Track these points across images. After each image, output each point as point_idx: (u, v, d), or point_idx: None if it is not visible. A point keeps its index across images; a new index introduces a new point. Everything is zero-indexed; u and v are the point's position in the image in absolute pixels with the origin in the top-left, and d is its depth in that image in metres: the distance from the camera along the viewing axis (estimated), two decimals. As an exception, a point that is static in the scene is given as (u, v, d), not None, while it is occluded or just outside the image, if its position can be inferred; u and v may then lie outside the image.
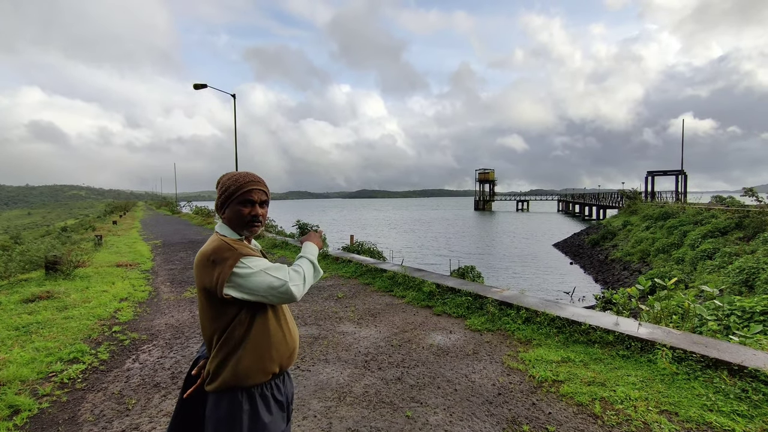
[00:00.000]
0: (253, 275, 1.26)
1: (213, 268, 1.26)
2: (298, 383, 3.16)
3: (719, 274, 11.49)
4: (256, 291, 1.27)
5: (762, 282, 9.59)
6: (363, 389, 3.05)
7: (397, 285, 6.17)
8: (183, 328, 4.56)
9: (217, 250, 1.29)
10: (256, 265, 1.28)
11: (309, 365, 3.51)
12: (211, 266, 1.27)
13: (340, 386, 3.10)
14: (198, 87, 18.41)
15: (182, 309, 5.36)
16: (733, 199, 21.52)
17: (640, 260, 16.24)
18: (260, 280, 1.27)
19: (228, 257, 1.27)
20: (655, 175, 33.24)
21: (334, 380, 3.21)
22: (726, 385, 2.74)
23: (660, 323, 3.96)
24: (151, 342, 4.11)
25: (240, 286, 1.26)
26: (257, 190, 1.41)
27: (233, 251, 1.29)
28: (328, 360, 3.61)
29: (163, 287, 6.69)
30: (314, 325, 4.58)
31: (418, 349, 3.81)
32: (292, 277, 1.32)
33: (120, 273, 7.71)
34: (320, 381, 3.20)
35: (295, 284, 1.32)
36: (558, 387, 2.95)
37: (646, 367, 3.15)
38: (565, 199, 71.39)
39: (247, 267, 1.27)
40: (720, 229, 14.19)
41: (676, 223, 16.80)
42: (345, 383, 3.15)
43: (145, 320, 4.86)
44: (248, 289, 1.27)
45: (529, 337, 3.93)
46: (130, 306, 5.47)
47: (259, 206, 1.41)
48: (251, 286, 1.26)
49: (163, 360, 3.65)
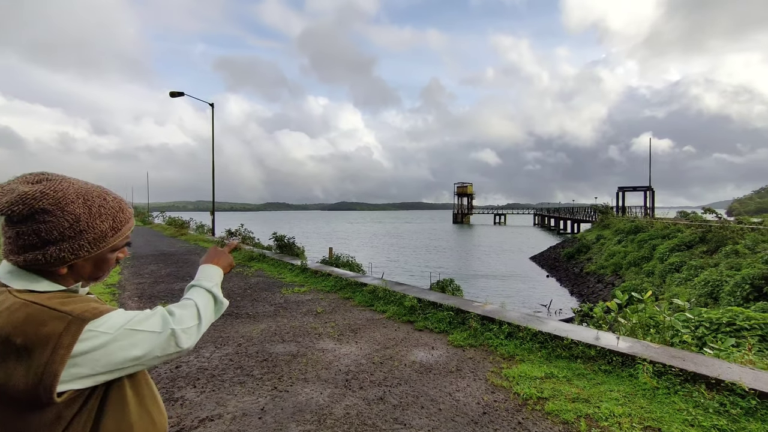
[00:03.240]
0: (113, 342, 0.78)
1: (25, 359, 0.72)
2: (275, 405, 3.00)
3: (686, 287, 11.94)
4: (121, 364, 0.79)
5: (726, 294, 10.01)
6: (344, 410, 2.92)
7: (378, 299, 6.06)
8: (151, 346, 4.29)
9: (29, 325, 0.74)
10: (113, 324, 0.79)
11: (287, 385, 3.34)
12: (18, 356, 0.72)
13: (320, 408, 2.96)
14: (175, 95, 18.03)
15: (151, 326, 5.07)
16: (696, 215, 22.63)
17: (613, 273, 16.72)
18: (127, 344, 0.79)
19: (56, 332, 0.74)
20: (625, 191, 34.63)
21: (313, 401, 3.06)
22: (705, 399, 2.77)
23: (637, 336, 4.02)
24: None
25: (91, 368, 0.76)
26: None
27: (64, 318, 0.76)
28: (307, 379, 3.46)
29: (130, 302, 6.34)
30: (292, 342, 4.41)
31: (401, 367, 3.71)
32: (179, 318, 0.88)
33: (84, 287, 7.26)
34: (299, 402, 3.04)
35: (185, 328, 0.87)
36: (543, 404, 2.91)
37: (628, 381, 3.16)
38: (540, 213, 73.29)
39: (100, 333, 0.77)
40: (686, 243, 14.82)
41: (645, 237, 17.47)
42: (325, 404, 3.01)
43: (110, 339, 4.56)
44: (106, 367, 0.78)
45: (512, 352, 3.90)
46: (94, 323, 5.13)
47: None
48: (113, 360, 0.78)
49: (129, 382, 3.40)
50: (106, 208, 0.88)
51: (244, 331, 4.81)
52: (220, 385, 3.36)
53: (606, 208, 30.88)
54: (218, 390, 3.26)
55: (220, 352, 4.13)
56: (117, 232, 0.90)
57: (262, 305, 6.09)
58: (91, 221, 0.84)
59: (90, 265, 0.88)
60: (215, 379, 3.48)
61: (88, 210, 0.85)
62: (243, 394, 3.20)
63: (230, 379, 3.47)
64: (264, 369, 3.69)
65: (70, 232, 0.82)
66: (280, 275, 8.56)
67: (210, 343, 4.39)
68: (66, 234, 0.81)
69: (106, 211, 0.88)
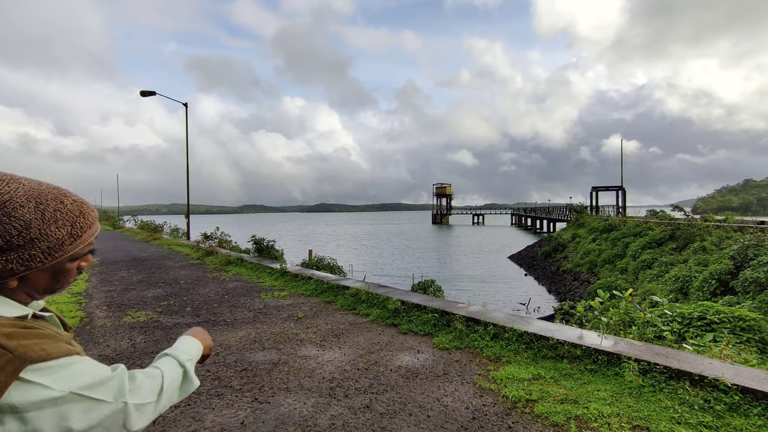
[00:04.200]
0: (49, 404, 0.63)
1: None
2: (256, 418, 2.84)
3: (658, 282, 12.36)
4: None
5: (695, 289, 10.41)
6: (329, 421, 2.79)
7: (361, 302, 5.94)
8: (120, 359, 4.03)
9: None
10: (59, 379, 0.65)
11: (268, 396, 3.18)
12: None
13: (304, 419, 2.82)
14: (145, 94, 17.35)
15: (121, 336, 4.78)
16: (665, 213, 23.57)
17: (588, 271, 17.16)
18: (64, 414, 0.63)
19: None
20: (599, 191, 35.76)
21: (297, 412, 2.92)
22: (690, 396, 2.79)
23: (619, 334, 4.06)
24: (81, 378, 3.56)
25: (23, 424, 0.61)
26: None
27: (2, 355, 0.62)
28: (289, 389, 3.31)
29: (98, 312, 5.98)
30: (273, 350, 4.24)
31: (386, 372, 3.61)
32: (138, 388, 0.74)
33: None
34: (281, 414, 2.90)
35: (140, 404, 0.73)
36: (532, 407, 2.87)
37: (614, 380, 3.17)
38: (518, 212, 74.83)
39: (41, 387, 0.63)
40: (656, 241, 15.37)
41: (619, 235, 18.02)
42: (309, 415, 2.87)
43: (75, 352, 4.25)
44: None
45: (498, 354, 3.87)
46: (57, 335, 4.78)
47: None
48: (41, 428, 0.62)
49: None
50: (63, 213, 0.75)
51: (221, 340, 4.59)
52: (196, 398, 3.16)
53: (580, 207, 31.77)
54: (194, 404, 3.07)
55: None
56: (77, 239, 0.77)
57: (241, 311, 5.86)
58: (44, 227, 0.72)
59: (46, 277, 0.76)
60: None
61: (41, 215, 0.72)
62: (221, 407, 3.02)
63: (207, 392, 3.28)
64: (243, 379, 3.51)
65: (19, 240, 0.70)
66: (259, 279, 8.31)
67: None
68: (14, 242, 0.69)
69: (63, 216, 0.75)
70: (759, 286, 8.18)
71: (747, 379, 2.79)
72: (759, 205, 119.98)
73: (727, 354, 3.33)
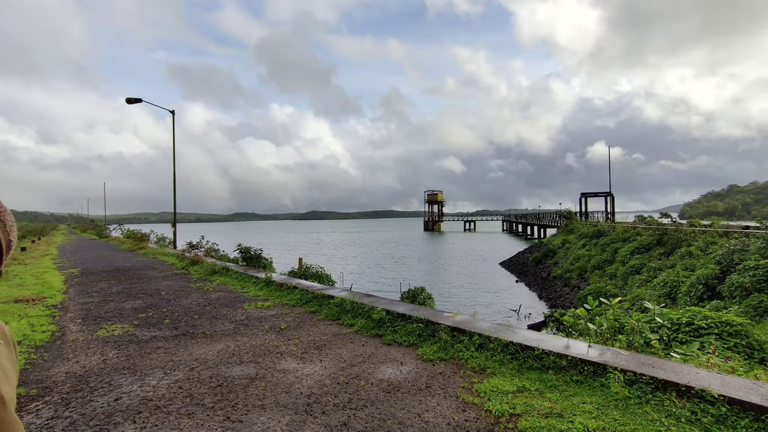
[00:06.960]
0: None
1: None
2: (225, 440, 2.68)
3: (647, 288, 12.39)
4: None
5: (683, 294, 10.44)
6: (303, 441, 2.65)
7: (345, 312, 5.79)
8: (89, 376, 3.83)
9: None
10: None
11: (241, 414, 3.03)
12: None
13: (277, 439, 2.67)
14: (131, 101, 17.12)
15: (92, 351, 4.57)
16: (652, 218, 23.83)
17: (578, 277, 17.18)
18: None
19: None
20: (587, 197, 36.08)
21: (269, 431, 2.77)
22: (676, 408, 2.70)
23: (607, 342, 3.98)
24: (42, 398, 3.36)
25: None
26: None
27: None
28: (264, 406, 3.15)
29: (71, 325, 5.74)
30: (251, 363, 4.07)
31: (367, 386, 3.47)
32: None
33: (17, 310, 6.53)
34: (253, 434, 2.74)
35: None
36: (516, 422, 2.76)
37: (600, 392, 3.07)
38: (508, 219, 75.24)
39: None
40: (644, 246, 15.45)
41: (608, 241, 18.10)
42: (282, 435, 2.72)
43: (40, 369, 4.03)
44: None
45: (483, 365, 3.75)
46: (23, 352, 4.55)
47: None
48: None
49: (55, 422, 2.96)
50: None
51: (198, 354, 4.41)
52: (164, 418, 2.99)
53: (570, 213, 31.99)
54: (162, 425, 2.90)
55: (169, 378, 3.73)
56: None
57: (222, 323, 5.68)
58: None
59: None
60: (160, 411, 3.10)
61: None
62: (190, 427, 2.86)
63: (177, 411, 3.11)
64: (217, 396, 3.34)
65: None
66: (244, 289, 8.11)
67: (159, 368, 3.98)
68: None
69: None
70: (745, 290, 8.21)
71: (734, 390, 2.72)
72: (744, 210, 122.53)
73: (714, 363, 3.26)
